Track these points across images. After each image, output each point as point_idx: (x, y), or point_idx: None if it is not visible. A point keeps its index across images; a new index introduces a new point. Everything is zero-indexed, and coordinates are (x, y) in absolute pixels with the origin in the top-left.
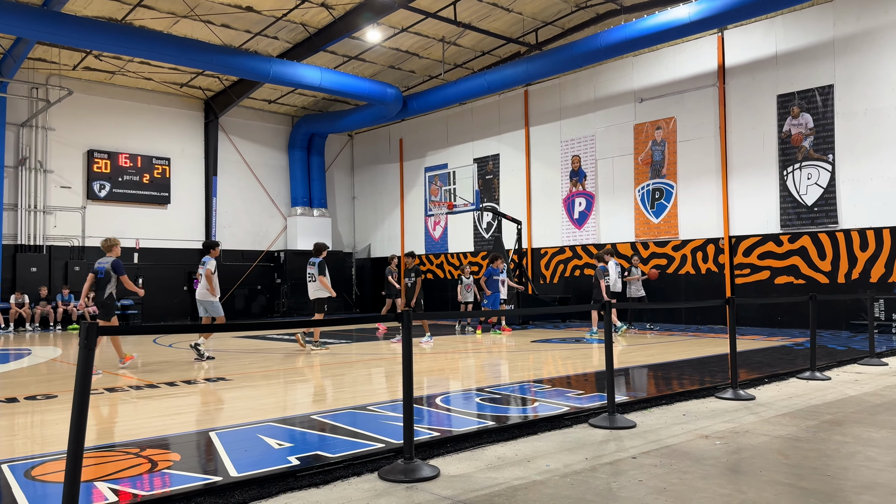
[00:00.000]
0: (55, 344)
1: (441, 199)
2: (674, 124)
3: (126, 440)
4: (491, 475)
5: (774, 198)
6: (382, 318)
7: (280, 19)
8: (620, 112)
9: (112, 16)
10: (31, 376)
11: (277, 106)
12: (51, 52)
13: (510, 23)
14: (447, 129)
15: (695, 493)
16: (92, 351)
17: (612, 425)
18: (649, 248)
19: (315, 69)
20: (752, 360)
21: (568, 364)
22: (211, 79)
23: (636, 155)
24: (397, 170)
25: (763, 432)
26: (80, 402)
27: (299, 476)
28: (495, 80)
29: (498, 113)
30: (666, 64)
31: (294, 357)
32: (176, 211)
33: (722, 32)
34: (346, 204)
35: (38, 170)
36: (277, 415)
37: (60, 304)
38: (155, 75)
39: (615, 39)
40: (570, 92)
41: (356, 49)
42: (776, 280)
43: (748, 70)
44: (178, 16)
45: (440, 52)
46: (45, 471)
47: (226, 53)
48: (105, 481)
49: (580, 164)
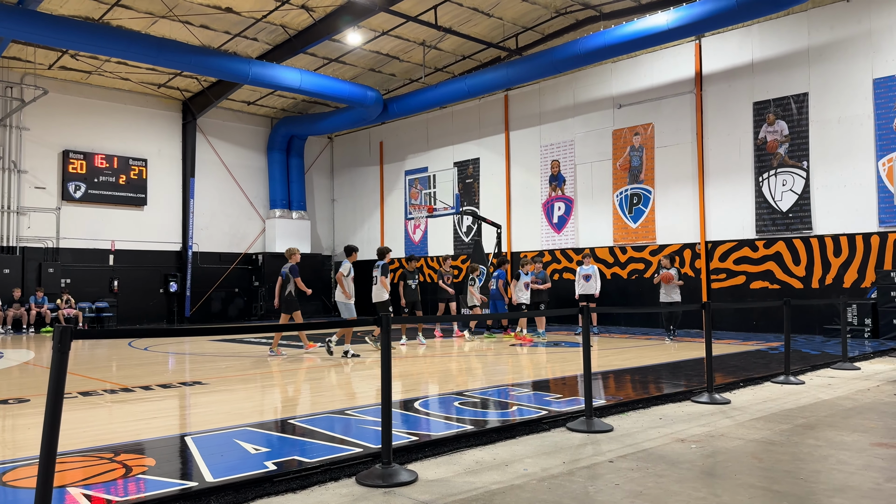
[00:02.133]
0: (28, 347)
1: (421, 202)
2: (652, 130)
3: (100, 445)
4: (469, 479)
5: (750, 204)
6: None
7: (260, 21)
8: (599, 117)
9: (89, 15)
10: (2, 380)
11: (256, 107)
12: (26, 51)
13: (490, 28)
14: (427, 132)
15: (670, 497)
16: (66, 354)
17: (589, 429)
18: (627, 252)
19: (295, 71)
20: (727, 364)
21: (547, 368)
22: (189, 79)
23: (615, 160)
24: (377, 173)
25: (738, 436)
26: (54, 406)
27: (276, 481)
28: (476, 85)
29: (478, 117)
30: (644, 70)
31: (270, 361)
32: (152, 212)
33: (699, 40)
34: (326, 206)
35: (12, 170)
36: (255, 419)
37: (34, 306)
38: (132, 75)
39: (594, 45)
40: (550, 97)
41: (336, 52)
42: (751, 285)
43: (725, 77)
44: (156, 16)
45: (421, 56)
46: (16, 476)
47: (204, 54)
48: (78, 487)
49: (559, 168)
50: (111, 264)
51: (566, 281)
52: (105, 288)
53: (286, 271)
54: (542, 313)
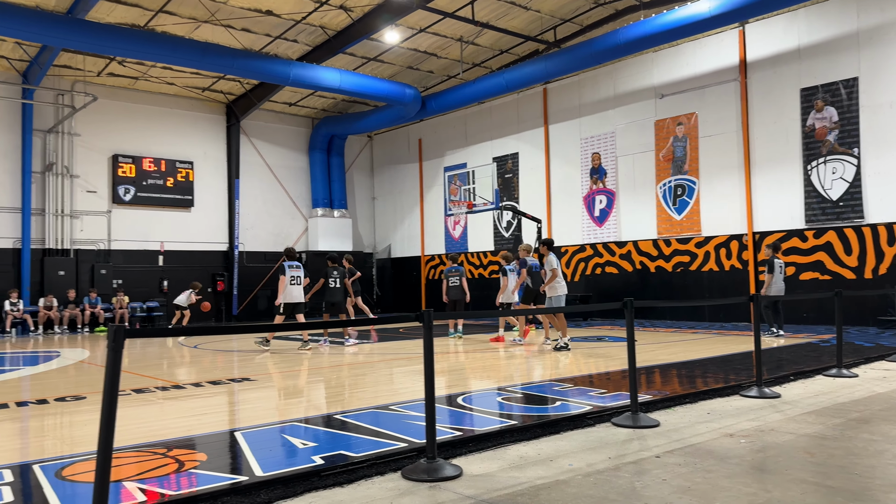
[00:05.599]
0: (83, 346)
1: (460, 198)
2: (695, 120)
3: (153, 440)
4: (514, 474)
5: (799, 193)
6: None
7: (299, 22)
8: (641, 108)
9: (135, 22)
10: (60, 378)
11: (298, 108)
12: (76, 59)
13: (528, 21)
14: (466, 128)
15: (719, 492)
16: (120, 353)
17: (635, 424)
18: (671, 244)
19: (334, 71)
20: (777, 358)
21: (590, 363)
22: (232, 82)
23: (657, 151)
24: (416, 170)
25: (789, 430)
26: (109, 404)
27: (324, 475)
28: (514, 79)
29: (517, 111)
30: (686, 59)
31: (316, 357)
32: (199, 214)
33: (743, 26)
34: (366, 204)
35: (65, 175)
36: (301, 414)
37: (87, 306)
38: (177, 80)
39: (634, 35)
40: (590, 89)
41: (375, 50)
42: (801, 276)
43: (770, 64)
44: (199, 21)
45: (458, 52)
46: (74, 471)
47: (246, 57)
48: (133, 481)
49: (600, 161)
50: (160, 265)
51: (608, 275)
52: (155, 288)
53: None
54: (594, 307)
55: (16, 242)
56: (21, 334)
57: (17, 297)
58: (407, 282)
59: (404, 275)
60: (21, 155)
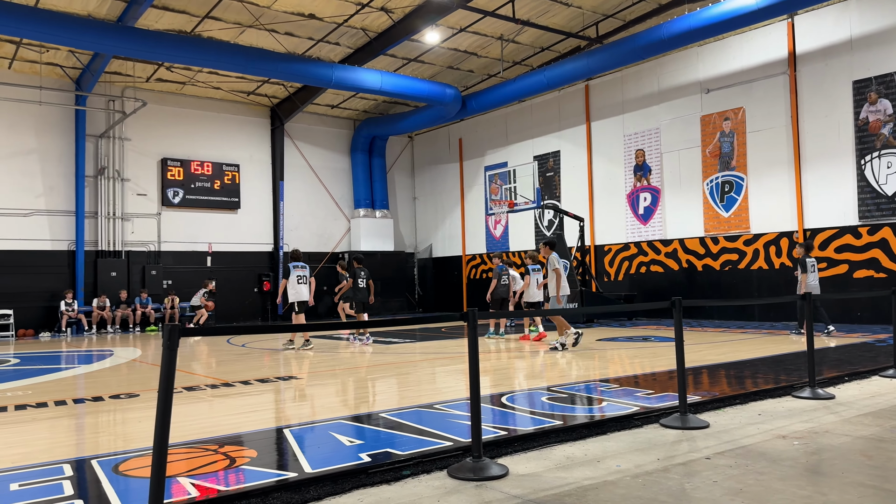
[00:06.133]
0: (135, 345)
1: (501, 197)
2: (742, 114)
3: (205, 437)
4: (560, 475)
5: (852, 188)
6: (447, 318)
7: (341, 25)
8: (686, 103)
9: (182, 28)
10: (113, 376)
11: (340, 110)
12: (126, 66)
13: (569, 17)
14: (506, 127)
15: (772, 495)
16: (174, 351)
17: (684, 425)
18: (719, 242)
19: (375, 73)
20: (830, 358)
21: (636, 363)
22: (276, 86)
23: (703, 147)
24: (457, 169)
25: (844, 432)
26: (164, 401)
27: (371, 473)
28: (555, 76)
29: (558, 109)
30: (733, 53)
31: (360, 356)
32: (245, 215)
33: (792, 18)
34: (408, 204)
35: (116, 178)
36: (347, 412)
37: (139, 306)
38: (223, 84)
39: (679, 30)
40: (633, 85)
41: (415, 51)
42: (855, 274)
43: (821, 56)
44: (243, 26)
45: (498, 51)
46: (129, 466)
47: (290, 61)
48: (186, 477)
49: (644, 158)
50: (208, 265)
51: (653, 274)
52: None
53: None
54: (638, 306)
55: (70, 245)
56: (76, 334)
57: (72, 297)
58: (448, 281)
59: (446, 274)
60: (75, 160)
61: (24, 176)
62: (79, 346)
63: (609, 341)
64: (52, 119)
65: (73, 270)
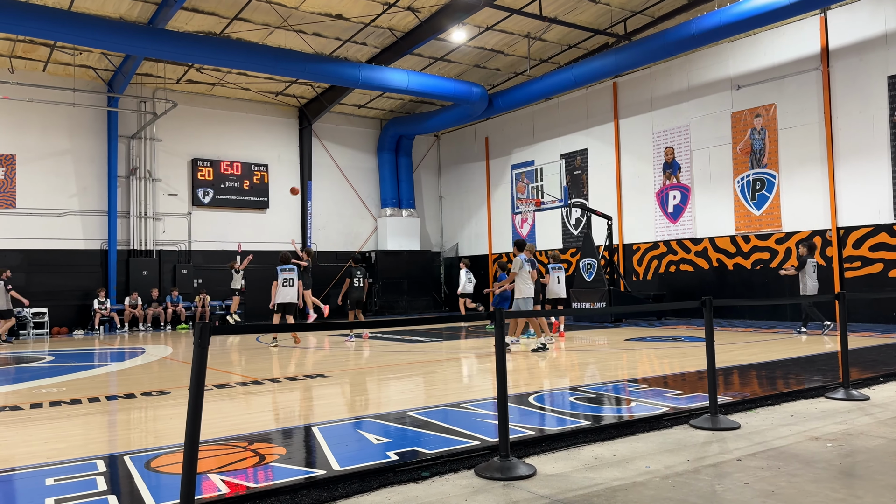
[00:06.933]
0: (166, 343)
1: (528, 196)
2: (774, 111)
3: (235, 434)
4: (588, 475)
5: (887, 186)
6: (474, 318)
7: (368, 25)
8: (716, 100)
9: (211, 30)
10: (145, 374)
11: (366, 110)
12: (156, 67)
13: (597, 14)
14: (533, 125)
15: (805, 497)
16: (205, 349)
17: (714, 426)
18: (750, 241)
19: (402, 72)
20: (864, 359)
21: (665, 363)
22: (304, 87)
23: (734, 144)
24: (483, 168)
25: (879, 434)
26: (196, 398)
27: (398, 471)
28: (582, 74)
29: (585, 106)
30: (764, 48)
31: (387, 355)
32: (274, 215)
33: (825, 13)
34: (434, 203)
35: (148, 179)
36: (374, 410)
37: (170, 305)
38: (252, 85)
39: (709, 25)
40: (662, 81)
41: (442, 50)
42: (890, 273)
43: (855, 51)
44: (272, 27)
45: (525, 49)
46: (161, 462)
47: (317, 61)
48: (217, 473)
49: (674, 155)
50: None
51: (683, 273)
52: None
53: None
54: (668, 306)
55: (103, 244)
56: (108, 331)
57: (104, 295)
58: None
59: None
60: (107, 160)
61: (58, 177)
62: (111, 343)
63: (637, 341)
64: (85, 120)
65: (105, 269)
